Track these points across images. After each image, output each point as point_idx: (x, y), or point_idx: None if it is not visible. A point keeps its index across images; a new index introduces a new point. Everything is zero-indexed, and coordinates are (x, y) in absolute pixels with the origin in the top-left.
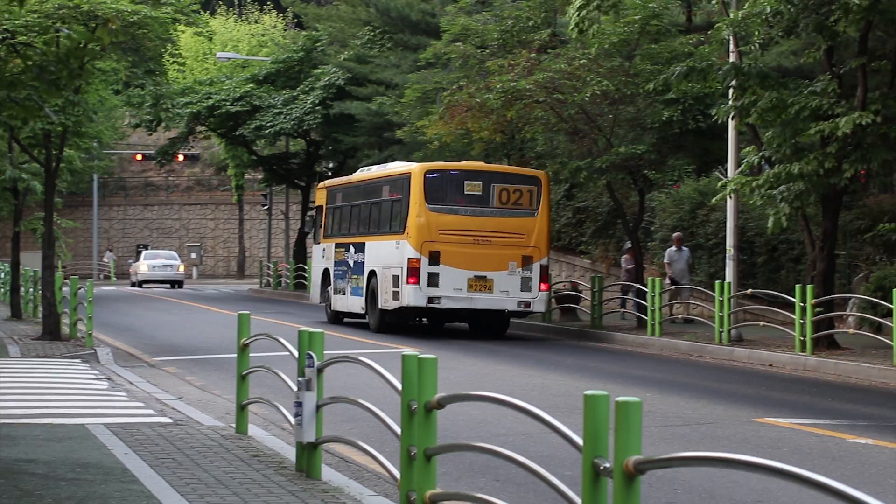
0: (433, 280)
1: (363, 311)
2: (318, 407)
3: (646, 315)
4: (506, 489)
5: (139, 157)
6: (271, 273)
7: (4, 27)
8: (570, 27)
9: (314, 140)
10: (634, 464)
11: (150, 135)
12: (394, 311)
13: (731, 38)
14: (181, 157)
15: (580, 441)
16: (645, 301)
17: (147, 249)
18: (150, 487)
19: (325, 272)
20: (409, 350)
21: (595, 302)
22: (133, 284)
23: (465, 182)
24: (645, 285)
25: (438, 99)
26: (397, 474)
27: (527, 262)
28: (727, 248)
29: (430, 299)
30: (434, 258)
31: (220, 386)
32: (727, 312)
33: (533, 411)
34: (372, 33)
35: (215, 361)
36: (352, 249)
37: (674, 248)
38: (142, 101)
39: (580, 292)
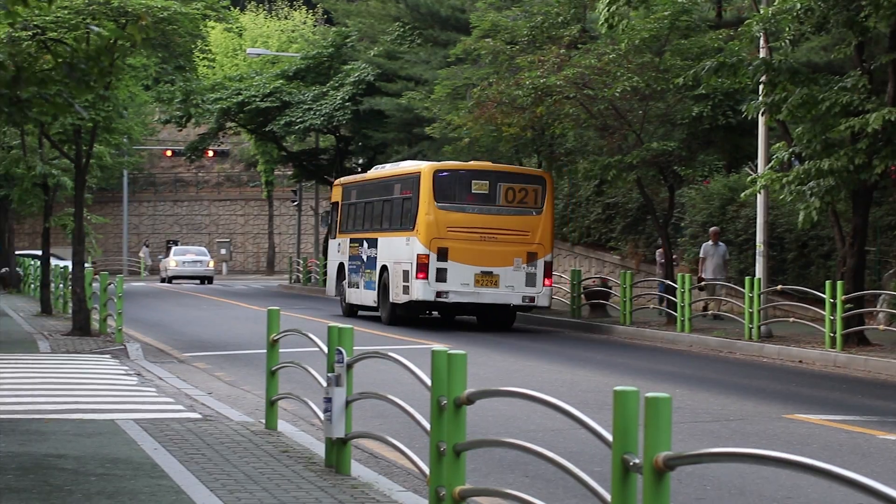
0: (441, 275)
1: (375, 305)
2: (348, 403)
3: (675, 311)
4: (535, 485)
5: (169, 152)
6: (301, 269)
7: (35, 23)
8: (600, 23)
9: (344, 136)
10: (664, 460)
11: (180, 131)
12: (404, 304)
13: (761, 34)
14: (211, 153)
15: (609, 437)
16: (675, 297)
17: (177, 245)
18: (179, 483)
19: (341, 266)
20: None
21: (625, 298)
22: (163, 280)
23: (473, 181)
24: (675, 281)
25: (468, 95)
26: (426, 470)
27: (531, 258)
28: (757, 244)
29: (439, 293)
30: (442, 254)
31: (249, 381)
32: (757, 308)
33: (562, 407)
34: (402, 29)
35: (245, 357)
36: (365, 245)
37: (710, 242)
38: (172, 97)
39: (610, 288)
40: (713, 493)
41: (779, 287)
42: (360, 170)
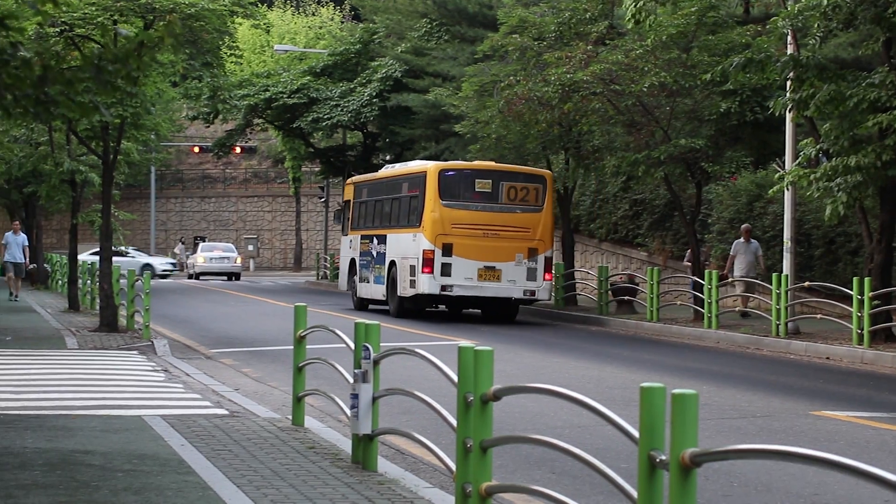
0: (446, 270)
1: (384, 298)
2: (374, 399)
3: (703, 307)
4: (561, 481)
5: (196, 149)
6: (328, 265)
7: (63, 20)
8: (627, 18)
9: (371, 132)
10: (691, 456)
11: (208, 127)
12: (411, 297)
13: (788, 30)
14: (238, 150)
15: (636, 433)
16: (702, 293)
17: (204, 241)
18: (206, 479)
19: (352, 262)
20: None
21: (652, 294)
22: (190, 276)
23: (477, 180)
24: (702, 277)
25: (496, 92)
26: (453, 466)
27: (532, 253)
28: (784, 240)
29: (444, 287)
30: (447, 250)
31: (276, 377)
32: (784, 305)
33: (588, 403)
34: (429, 25)
35: (272, 353)
36: (375, 241)
37: (741, 239)
38: (199, 93)
39: (637, 285)
40: (740, 489)
41: (806, 283)
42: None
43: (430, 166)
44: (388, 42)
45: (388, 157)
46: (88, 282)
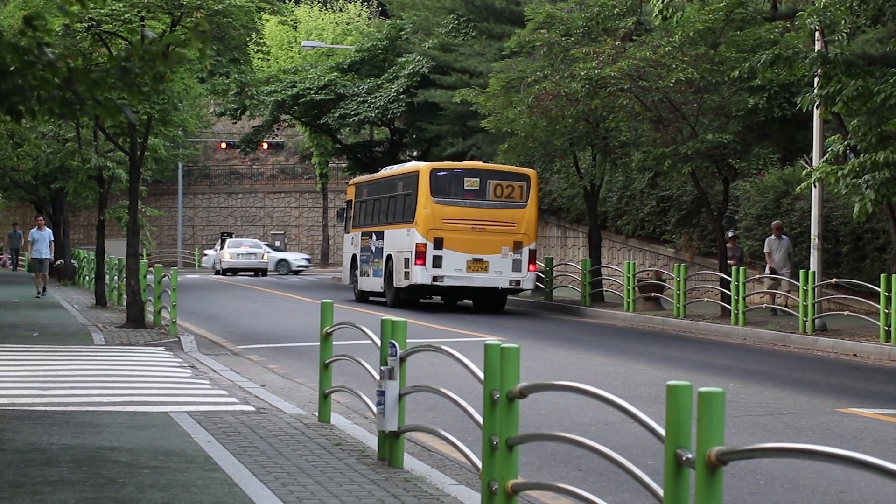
0: (437, 262)
1: (382, 290)
2: (401, 396)
3: (729, 304)
4: (587, 479)
5: (223, 145)
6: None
7: (90, 16)
8: (654, 14)
9: (398, 128)
10: (717, 455)
11: (235, 123)
12: (405, 288)
13: (816, 26)
14: (265, 146)
15: (662, 431)
16: (729, 290)
17: (231, 238)
18: (232, 475)
19: (354, 258)
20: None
21: (679, 291)
22: (217, 272)
23: (465, 179)
24: (729, 274)
25: (523, 87)
26: (479, 463)
27: (517, 246)
28: (812, 237)
29: (435, 278)
30: (438, 243)
31: (302, 374)
32: (811, 302)
33: (615, 401)
34: (456, 21)
35: (298, 349)
36: (374, 237)
37: (773, 236)
38: (226, 89)
39: (664, 281)
40: (766, 487)
41: (833, 280)
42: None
43: (423, 166)
44: (415, 38)
45: (415, 154)
46: (115, 278)
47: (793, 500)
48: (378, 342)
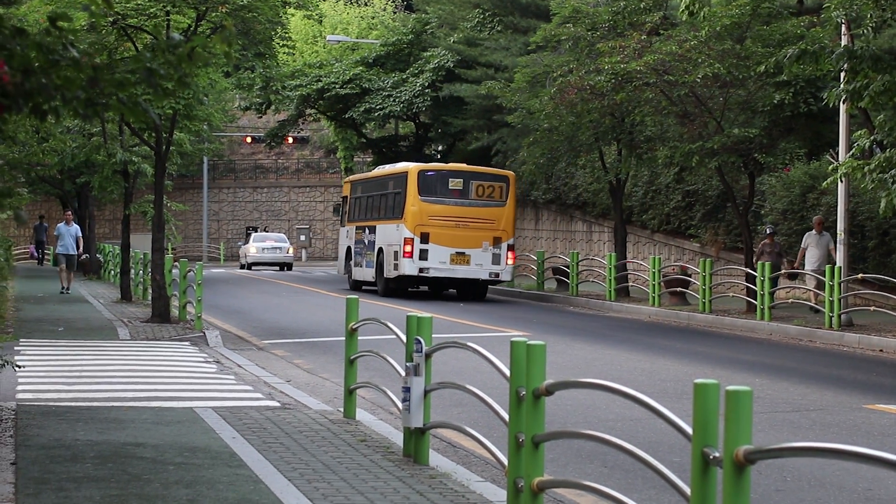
0: (424, 255)
1: (374, 280)
2: (426, 392)
3: (755, 299)
4: (613, 475)
5: (249, 139)
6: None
7: (115, 10)
8: (681, 9)
9: (423, 122)
10: (745, 454)
11: (260, 117)
12: (395, 278)
13: (842, 20)
14: (291, 140)
15: (689, 429)
16: (754, 285)
17: (256, 232)
18: (257, 472)
19: (349, 250)
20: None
21: (704, 286)
22: (242, 267)
23: (450, 179)
24: (755, 269)
25: (548, 82)
26: (504, 460)
27: (497, 241)
28: (838, 232)
29: (421, 269)
30: (424, 238)
31: (328, 369)
32: (837, 297)
33: (642, 399)
34: (481, 16)
35: (323, 345)
36: (367, 231)
37: (813, 231)
38: (252, 84)
39: (689, 276)
40: (792, 484)
41: (860, 276)
42: (439, 157)
43: (411, 167)
44: (440, 32)
45: (440, 148)
46: (140, 272)
47: (819, 498)
48: (403, 338)
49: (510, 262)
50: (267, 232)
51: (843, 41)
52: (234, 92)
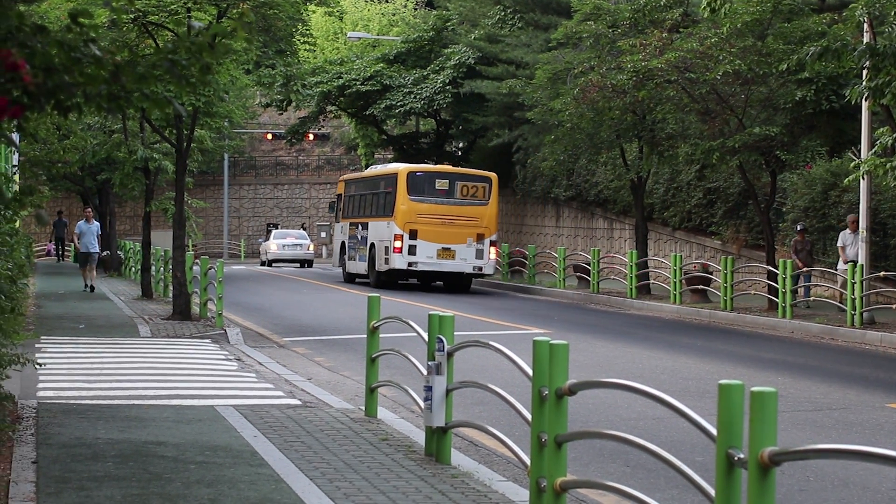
0: (412, 250)
1: (366, 273)
2: (448, 391)
3: (777, 297)
4: (636, 475)
5: (269, 136)
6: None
7: (136, 6)
8: (702, 6)
9: (444, 119)
10: (770, 455)
11: (281, 114)
12: (385, 272)
13: (865, 18)
14: (311, 137)
15: (712, 429)
16: (776, 283)
17: (277, 229)
18: (279, 471)
19: (343, 244)
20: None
21: (726, 283)
22: (262, 264)
23: (437, 180)
24: (776, 267)
25: (569, 79)
26: (527, 459)
27: (480, 238)
28: (860, 229)
29: (410, 263)
30: (413, 234)
31: (349, 367)
32: (859, 295)
33: (666, 400)
34: (503, 12)
35: (344, 342)
36: (360, 227)
37: (849, 230)
38: (272, 80)
39: (711, 273)
40: (816, 484)
41: (881, 273)
42: (459, 154)
43: (402, 168)
44: (461, 29)
45: (461, 145)
46: (161, 269)
47: (843, 498)
48: (425, 337)
49: (492, 256)
50: (287, 229)
51: (866, 38)
52: (254, 89)
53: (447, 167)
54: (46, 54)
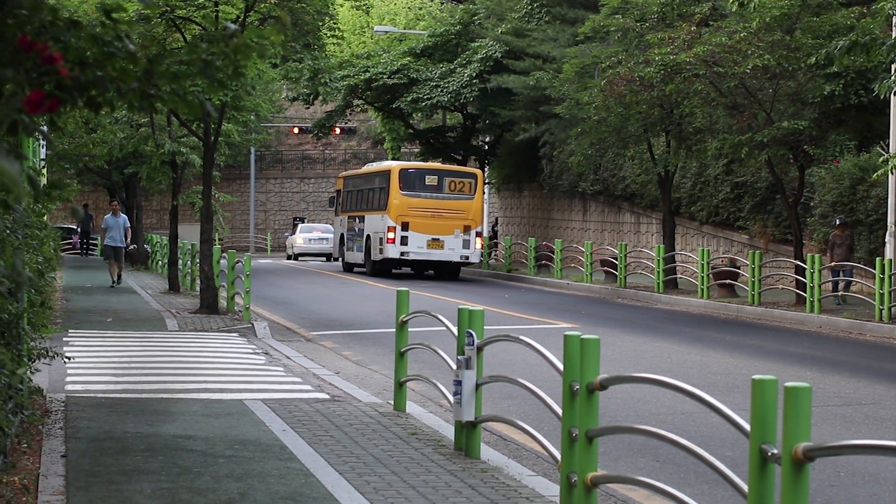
0: (404, 241)
1: (363, 262)
2: (478, 386)
3: (805, 292)
4: (665, 470)
5: (296, 130)
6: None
7: (165, 1)
8: (731, 1)
9: (471, 114)
10: (804, 451)
11: (308, 108)
12: (380, 261)
13: (893, 11)
14: (338, 131)
15: (746, 426)
16: (803, 277)
17: (303, 222)
18: (308, 465)
19: (342, 236)
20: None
21: (753, 278)
22: (289, 257)
23: (426, 176)
24: (804, 262)
25: (597, 73)
26: (557, 454)
27: (467, 229)
28: (888, 224)
29: (402, 253)
30: (405, 226)
31: (377, 361)
32: (888, 290)
33: (697, 394)
34: (530, 6)
35: (372, 336)
36: (357, 220)
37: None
38: (299, 74)
39: (738, 268)
40: (847, 479)
41: None
42: (486, 148)
43: (394, 165)
44: (488, 23)
45: (487, 139)
46: (189, 263)
47: (874, 493)
48: (455, 331)
49: (478, 246)
50: (314, 223)
51: (895, 33)
52: (281, 83)
53: (436, 164)
54: (80, 49)
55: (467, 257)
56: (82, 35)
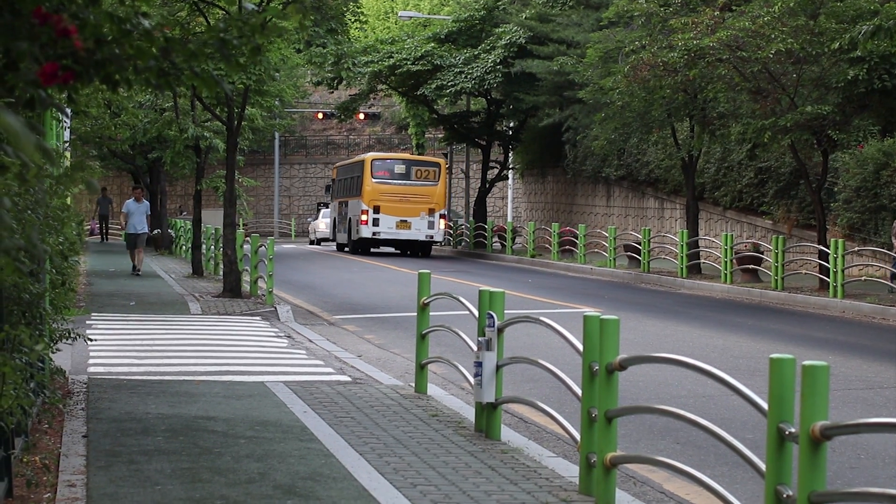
0: (376, 223)
1: (347, 242)
2: (498, 367)
3: (828, 276)
4: (686, 452)
5: (320, 115)
6: (451, 232)
7: None
8: None
9: (495, 99)
10: (821, 429)
11: (332, 93)
12: (357, 241)
13: None
14: (362, 116)
15: (765, 405)
16: (827, 262)
17: (327, 208)
18: (328, 446)
19: (334, 220)
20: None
21: (777, 263)
22: (311, 242)
23: (395, 165)
24: (828, 247)
25: (621, 58)
26: (577, 435)
27: (432, 212)
28: None
29: (374, 233)
30: (377, 210)
31: (399, 344)
32: None
33: (716, 374)
34: None
35: (394, 320)
36: (344, 205)
37: None
38: (323, 59)
39: (762, 253)
40: (867, 461)
41: None
42: (510, 133)
43: (367, 156)
44: (512, 8)
45: (511, 124)
46: (212, 247)
47: (894, 475)
48: (476, 313)
49: (441, 227)
50: None
51: None
52: (305, 68)
53: (404, 154)
54: (98, 26)
55: (432, 237)
56: (100, 12)
